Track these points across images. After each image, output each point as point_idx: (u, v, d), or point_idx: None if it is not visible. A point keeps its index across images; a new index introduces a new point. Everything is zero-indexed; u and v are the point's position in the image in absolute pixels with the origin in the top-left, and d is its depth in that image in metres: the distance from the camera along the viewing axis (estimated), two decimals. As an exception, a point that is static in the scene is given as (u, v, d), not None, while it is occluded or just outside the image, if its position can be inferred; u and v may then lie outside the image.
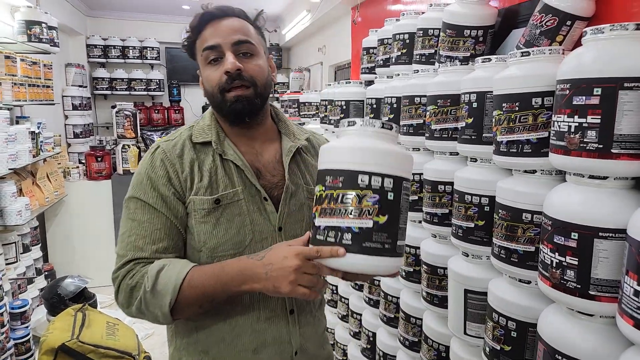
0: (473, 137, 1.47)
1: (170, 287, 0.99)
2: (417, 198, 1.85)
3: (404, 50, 2.07)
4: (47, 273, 3.93)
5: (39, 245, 3.79)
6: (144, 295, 1.01)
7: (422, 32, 1.92)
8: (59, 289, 3.32)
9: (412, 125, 1.85)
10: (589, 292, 1.00)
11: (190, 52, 1.17)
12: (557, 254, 1.05)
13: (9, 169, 3.02)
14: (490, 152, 1.38)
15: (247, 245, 1.09)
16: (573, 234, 1.02)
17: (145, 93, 6.34)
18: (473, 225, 1.45)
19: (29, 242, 3.56)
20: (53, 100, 4.10)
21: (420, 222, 1.81)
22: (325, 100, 2.90)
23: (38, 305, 3.50)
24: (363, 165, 0.86)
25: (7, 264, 3.17)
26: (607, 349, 0.99)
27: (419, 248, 1.80)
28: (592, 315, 1.04)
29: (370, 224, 0.85)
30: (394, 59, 2.13)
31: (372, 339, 2.30)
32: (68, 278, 3.48)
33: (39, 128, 3.67)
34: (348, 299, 2.63)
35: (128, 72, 6.24)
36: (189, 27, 1.13)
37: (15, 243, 3.27)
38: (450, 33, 1.71)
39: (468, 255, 1.52)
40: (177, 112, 6.53)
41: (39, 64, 3.81)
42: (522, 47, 1.45)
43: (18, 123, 3.60)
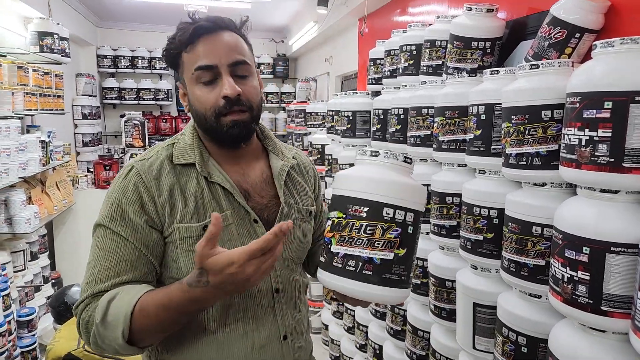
0: (482, 149, 1.46)
1: (121, 316, 0.89)
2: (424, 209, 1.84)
3: (411, 62, 2.08)
4: (54, 281, 3.94)
5: (47, 253, 3.82)
6: (96, 329, 0.92)
7: (429, 43, 1.92)
8: (66, 297, 3.32)
9: (419, 137, 1.85)
10: (601, 307, 0.99)
11: (172, 62, 1.06)
12: (568, 269, 1.04)
13: (19, 177, 3.05)
14: (499, 164, 1.37)
15: None
16: (584, 249, 1.00)
17: (154, 102, 6.40)
18: (482, 238, 1.44)
19: (37, 250, 3.58)
20: (63, 110, 4.15)
21: (428, 233, 1.80)
22: (332, 111, 2.91)
23: (45, 314, 3.51)
24: (389, 198, 0.87)
25: (15, 272, 3.19)
26: (619, 366, 0.97)
27: (427, 260, 1.79)
28: (604, 332, 1.02)
29: (391, 256, 0.87)
30: (401, 70, 2.13)
31: (378, 352, 2.27)
32: (75, 286, 3.47)
33: (49, 137, 3.71)
34: (354, 311, 2.61)
35: (137, 81, 6.31)
36: (176, 38, 1.03)
37: (24, 251, 3.29)
38: (458, 45, 1.71)
39: (477, 268, 1.50)
40: (184, 121, 6.58)
41: (51, 74, 3.86)
42: (530, 59, 1.45)
43: (29, 132, 3.64)
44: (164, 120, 6.41)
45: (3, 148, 2.83)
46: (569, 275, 1.03)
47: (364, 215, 0.88)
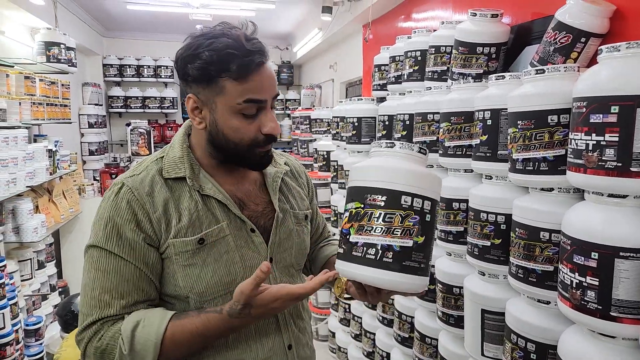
0: (488, 154, 1.46)
1: (151, 346, 0.90)
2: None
3: (416, 67, 2.08)
4: (61, 290, 3.95)
5: (54, 262, 3.83)
6: (122, 359, 0.91)
7: (434, 49, 1.93)
8: (73, 306, 3.32)
9: (425, 142, 1.85)
10: (610, 313, 0.98)
11: (204, 79, 0.95)
12: (577, 274, 1.03)
13: (27, 187, 3.07)
14: (506, 169, 1.37)
15: (238, 284, 0.96)
16: (593, 254, 1.00)
17: (159, 111, 6.44)
18: (489, 244, 1.43)
19: (44, 258, 3.59)
20: (70, 119, 4.18)
21: (435, 239, 1.79)
22: (337, 117, 2.91)
23: (52, 322, 3.52)
24: (406, 187, 0.88)
25: (22, 281, 3.20)
26: (631, 373, 0.96)
27: (434, 266, 1.78)
28: (614, 337, 1.01)
29: (411, 244, 0.87)
30: (406, 76, 2.14)
31: (386, 359, 2.26)
32: (82, 295, 3.49)
33: (56, 146, 3.74)
34: (361, 318, 2.60)
35: (142, 90, 6.35)
36: (215, 57, 0.93)
37: (31, 260, 3.30)
38: (463, 50, 1.72)
39: (484, 274, 1.49)
40: (190, 129, 6.60)
41: (57, 84, 3.89)
42: (535, 64, 1.45)
43: (36, 141, 3.67)
44: (170, 129, 6.44)
45: (11, 157, 2.85)
46: (578, 281, 1.03)
47: (382, 204, 0.89)
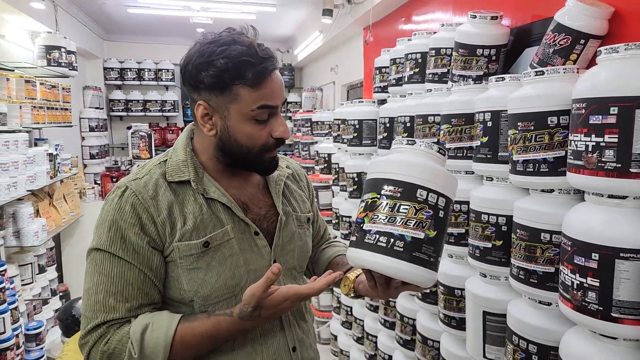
0: (488, 156, 1.46)
1: (160, 349, 0.91)
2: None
3: (417, 70, 2.09)
4: (61, 294, 3.94)
5: (54, 266, 3.83)
6: None
7: (434, 51, 1.93)
8: (74, 310, 3.32)
9: (425, 145, 1.85)
10: (612, 314, 0.98)
11: (218, 86, 0.96)
12: (577, 275, 1.03)
13: (27, 191, 3.08)
14: (506, 171, 1.37)
15: (242, 287, 1.00)
16: (593, 255, 1.00)
17: (160, 114, 6.46)
18: (490, 246, 1.43)
19: (45, 262, 3.59)
20: (71, 123, 4.19)
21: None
22: (338, 120, 2.92)
23: (53, 327, 3.51)
24: (423, 181, 0.91)
25: (22, 285, 3.20)
26: (633, 374, 0.96)
27: (435, 268, 1.78)
28: (615, 339, 1.01)
29: (422, 236, 0.89)
30: (407, 78, 2.14)
31: (388, 361, 2.26)
32: (83, 299, 3.49)
33: (57, 150, 3.74)
34: (363, 321, 2.60)
35: (143, 93, 6.37)
36: (230, 65, 0.93)
37: (32, 264, 3.30)
38: (463, 52, 1.72)
39: (486, 276, 1.49)
40: (191, 132, 6.62)
41: (58, 87, 3.90)
42: (535, 65, 1.45)
43: (36, 145, 3.68)
44: (171, 132, 6.45)
45: (11, 161, 2.86)
46: (579, 282, 1.03)
47: (398, 195, 0.90)
